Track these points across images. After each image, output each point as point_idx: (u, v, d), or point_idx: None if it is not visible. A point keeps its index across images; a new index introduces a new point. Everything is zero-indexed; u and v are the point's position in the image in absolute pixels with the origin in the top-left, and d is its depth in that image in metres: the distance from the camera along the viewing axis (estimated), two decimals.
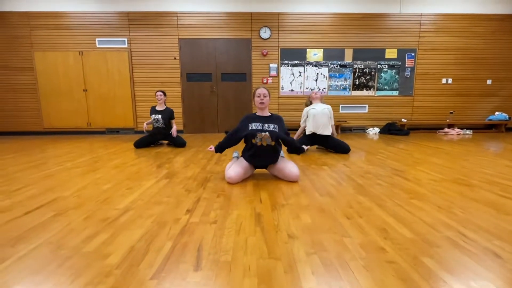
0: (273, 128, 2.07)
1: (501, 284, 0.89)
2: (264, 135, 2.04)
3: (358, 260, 1.03)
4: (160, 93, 3.84)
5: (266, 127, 2.06)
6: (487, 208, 1.56)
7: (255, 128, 2.06)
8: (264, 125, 2.07)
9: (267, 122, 2.09)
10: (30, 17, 5.47)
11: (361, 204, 1.63)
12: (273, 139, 2.06)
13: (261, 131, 2.05)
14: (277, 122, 2.12)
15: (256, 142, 2.06)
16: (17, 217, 1.46)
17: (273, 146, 2.07)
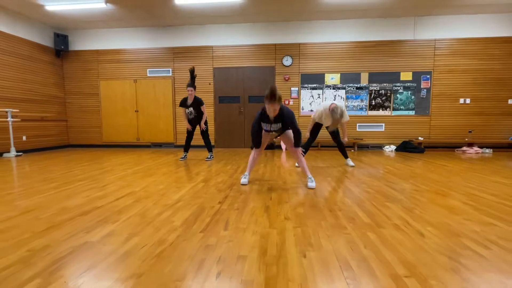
0: (277, 127, 2.65)
1: (411, 247, 1.43)
2: (271, 134, 2.75)
3: (326, 232, 1.63)
4: (191, 88, 4.35)
5: (273, 127, 2.64)
6: (444, 210, 2.04)
7: (265, 129, 2.73)
8: (271, 126, 2.63)
9: (274, 122, 2.60)
10: (99, 54, 6.87)
11: (344, 204, 2.19)
12: (279, 132, 2.74)
13: (269, 131, 2.72)
14: (282, 120, 2.57)
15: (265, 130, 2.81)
16: (112, 201, 2.28)
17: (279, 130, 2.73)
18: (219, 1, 5.17)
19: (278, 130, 2.64)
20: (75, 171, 3.72)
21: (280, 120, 2.56)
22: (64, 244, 1.48)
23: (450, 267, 1.24)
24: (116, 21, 6.27)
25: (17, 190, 2.69)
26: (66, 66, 6.98)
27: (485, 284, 1.11)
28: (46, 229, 1.70)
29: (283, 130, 2.68)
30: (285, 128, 2.66)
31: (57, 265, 1.27)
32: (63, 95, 7.01)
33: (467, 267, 1.23)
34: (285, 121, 2.56)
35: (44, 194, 2.53)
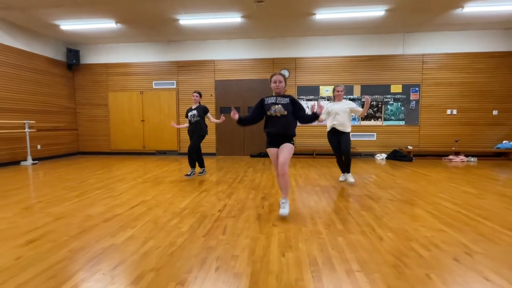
0: (285, 101, 2.41)
1: (369, 249, 1.82)
2: (277, 107, 2.38)
3: (304, 237, 2.02)
4: (196, 94, 4.29)
5: (279, 100, 2.41)
6: (407, 218, 2.42)
7: (270, 102, 2.43)
8: (277, 99, 2.42)
9: (280, 98, 2.44)
10: (108, 67, 7.33)
11: (325, 212, 2.58)
12: (286, 109, 2.38)
13: (274, 104, 2.40)
14: (289, 98, 2.43)
15: (271, 113, 2.40)
16: (128, 209, 2.68)
17: (286, 116, 2.39)
18: (220, 21, 5.61)
19: (286, 104, 2.39)
20: (90, 180, 4.13)
21: (287, 98, 2.43)
22: (96, 245, 1.89)
23: (393, 264, 1.62)
24: (124, 37, 6.73)
25: (44, 198, 3.10)
26: (77, 79, 7.44)
27: (414, 277, 1.49)
28: (79, 233, 2.10)
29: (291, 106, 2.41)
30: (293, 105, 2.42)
31: (94, 261, 1.67)
32: (74, 106, 7.47)
33: (406, 264, 1.62)
34: (292, 99, 2.44)
35: (69, 202, 2.94)
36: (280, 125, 2.42)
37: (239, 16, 5.42)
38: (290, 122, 2.45)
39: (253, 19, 5.57)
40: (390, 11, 5.21)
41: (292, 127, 2.48)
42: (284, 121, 2.41)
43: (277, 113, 2.39)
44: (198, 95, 4.31)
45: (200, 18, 5.52)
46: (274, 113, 2.40)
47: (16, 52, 5.81)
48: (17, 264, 1.64)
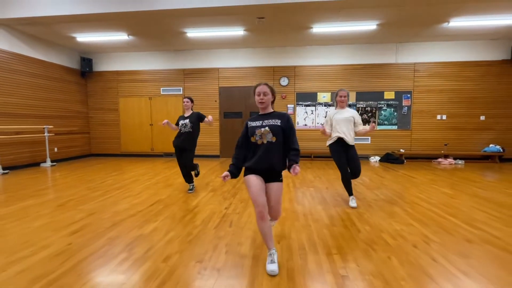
0: (273, 123, 1.82)
1: (347, 238, 2.26)
2: (263, 131, 1.79)
3: (296, 228, 2.47)
4: (187, 99, 3.76)
5: (266, 123, 1.83)
6: (384, 215, 2.86)
7: (254, 125, 1.86)
8: (264, 121, 1.85)
9: (267, 118, 1.86)
10: (118, 74, 7.80)
11: (316, 210, 3.03)
12: (275, 134, 1.79)
13: (260, 127, 1.82)
14: (280, 118, 1.85)
15: (256, 140, 1.82)
16: (148, 206, 3.14)
17: (274, 144, 1.80)
18: (225, 34, 6.06)
19: (275, 127, 1.81)
20: (108, 181, 4.60)
21: (277, 117, 1.86)
22: (128, 235, 2.35)
23: (364, 249, 2.07)
24: (134, 47, 7.20)
25: (73, 197, 3.57)
26: (90, 85, 7.93)
27: (378, 258, 1.93)
28: (111, 226, 2.56)
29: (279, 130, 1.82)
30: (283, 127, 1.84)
31: (130, 246, 2.13)
32: (86, 111, 7.95)
33: (374, 249, 2.06)
34: (284, 119, 1.86)
35: (95, 200, 3.41)
36: (265, 157, 1.80)
37: (242, 29, 5.86)
38: (280, 152, 1.84)
39: (254, 32, 6.02)
40: (381, 25, 5.63)
41: (282, 158, 1.86)
42: (271, 150, 1.80)
43: (263, 140, 1.80)
44: (190, 101, 3.78)
45: (206, 32, 5.97)
46: (260, 140, 1.81)
47: (35, 62, 6.30)
48: (70, 248, 2.11)
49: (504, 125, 6.75)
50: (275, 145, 1.83)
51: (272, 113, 1.93)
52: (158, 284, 1.63)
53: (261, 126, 1.84)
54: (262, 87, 1.91)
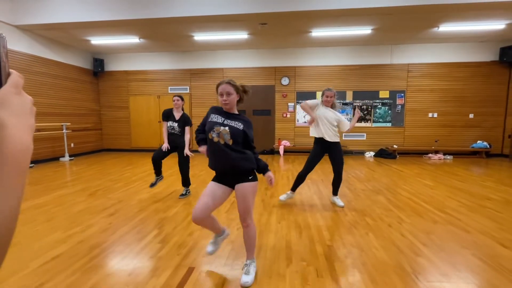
0: (236, 125, 1.67)
1: (336, 220, 2.77)
2: (222, 130, 1.65)
3: (294, 212, 2.97)
4: (177, 97, 3.58)
5: (227, 122, 1.68)
6: (369, 202, 3.35)
7: (214, 120, 1.69)
8: (226, 120, 1.69)
9: (230, 118, 1.70)
10: (128, 74, 8.26)
11: (312, 198, 3.53)
12: (232, 137, 1.66)
13: (220, 125, 1.67)
14: (243, 122, 1.72)
15: (212, 137, 1.67)
16: (167, 195, 3.65)
17: (230, 147, 1.66)
18: (229, 37, 6.49)
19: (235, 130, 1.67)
20: (126, 174, 5.12)
21: (241, 120, 1.72)
22: (155, 217, 2.86)
23: (348, 227, 2.58)
24: (143, 48, 7.63)
25: (100, 187, 4.09)
26: (101, 84, 8.39)
27: (358, 234, 2.44)
28: (139, 210, 3.08)
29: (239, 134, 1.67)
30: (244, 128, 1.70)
31: (159, 225, 2.65)
32: (98, 108, 8.44)
33: (356, 228, 2.57)
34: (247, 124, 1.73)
35: (120, 190, 3.92)
36: (223, 158, 1.69)
37: (246, 33, 6.29)
38: (239, 154, 1.70)
39: (257, 35, 6.44)
40: (376, 30, 6.04)
41: (245, 159, 1.72)
42: (228, 152, 1.67)
43: (219, 139, 1.67)
44: (180, 100, 3.58)
45: (212, 35, 6.40)
46: (216, 138, 1.67)
47: (54, 63, 6.76)
48: (111, 227, 2.62)
49: (491, 123, 7.19)
50: (232, 148, 1.67)
51: (237, 115, 1.74)
52: (187, 251, 2.14)
53: (221, 124, 1.68)
54: (225, 86, 1.68)
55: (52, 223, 2.72)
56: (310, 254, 2.09)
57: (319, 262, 1.98)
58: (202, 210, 1.70)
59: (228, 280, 1.77)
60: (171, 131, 3.60)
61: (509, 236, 2.41)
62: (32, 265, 1.94)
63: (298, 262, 1.97)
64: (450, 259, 2.01)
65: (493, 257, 2.05)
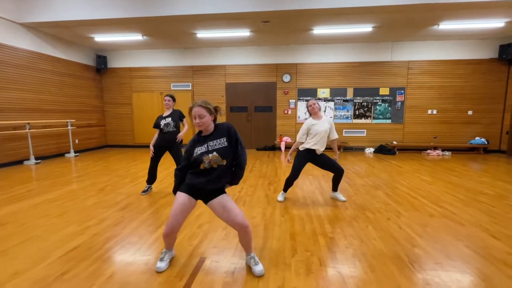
0: (220, 145, 1.72)
1: (337, 214, 2.90)
2: (211, 157, 1.69)
3: (296, 206, 3.10)
4: (168, 97, 3.56)
5: (211, 146, 1.71)
6: (368, 197, 3.49)
7: (200, 152, 1.71)
8: (208, 144, 1.72)
9: (211, 139, 1.73)
10: (131, 70, 8.33)
11: (313, 193, 3.66)
12: (224, 157, 1.71)
13: (207, 153, 1.70)
14: (223, 133, 1.75)
15: (204, 167, 1.71)
16: None
17: (225, 166, 1.73)
18: (232, 34, 6.56)
19: (223, 149, 1.72)
20: (132, 169, 5.25)
21: (221, 134, 1.76)
22: (166, 211, 2.99)
23: (348, 221, 2.71)
24: (145, 45, 7.69)
25: (108, 183, 4.22)
26: (104, 81, 8.47)
27: (358, 227, 2.58)
28: (151, 204, 3.21)
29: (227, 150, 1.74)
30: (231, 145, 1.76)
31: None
32: (101, 105, 8.53)
33: (356, 221, 2.70)
34: (230, 134, 1.77)
35: (128, 185, 4.06)
36: (215, 181, 1.75)
37: (248, 31, 6.35)
38: (227, 172, 1.78)
39: (259, 33, 6.51)
40: (376, 28, 6.11)
41: (228, 177, 1.81)
42: (222, 173, 1.75)
43: (212, 165, 1.72)
44: (171, 100, 3.61)
45: (214, 33, 6.47)
46: (209, 165, 1.71)
47: (58, 61, 6.83)
48: (124, 220, 2.76)
49: (489, 119, 7.30)
50: (226, 167, 1.74)
51: (214, 131, 1.77)
52: (198, 242, 2.28)
53: (207, 152, 1.70)
54: (197, 109, 1.70)
55: (66, 216, 2.86)
56: (313, 245, 2.23)
57: (322, 252, 2.11)
58: (179, 225, 1.81)
59: (238, 268, 1.90)
60: (167, 130, 3.52)
61: (501, 229, 2.55)
62: (53, 256, 2.07)
63: (302, 253, 2.11)
64: (444, 250, 2.15)
65: (485, 248, 2.19)
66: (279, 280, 1.76)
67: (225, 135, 1.75)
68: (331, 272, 1.85)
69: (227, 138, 1.75)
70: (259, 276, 1.81)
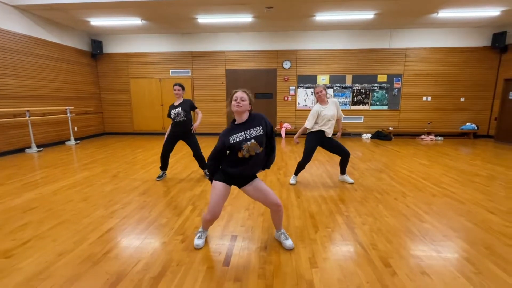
0: (257, 133, 1.80)
1: (346, 193, 3.12)
2: (250, 144, 1.77)
3: (309, 189, 3.30)
4: (178, 86, 3.55)
5: (249, 134, 1.79)
6: (374, 179, 3.72)
7: (238, 140, 1.78)
8: (245, 132, 1.79)
9: (248, 128, 1.81)
10: (128, 56, 8.14)
11: (321, 176, 3.86)
12: (261, 145, 1.81)
13: (245, 141, 1.77)
14: (259, 122, 1.83)
15: (244, 155, 1.79)
16: (188, 175, 3.90)
17: (261, 153, 1.84)
18: (234, 20, 6.49)
19: (259, 137, 1.80)
20: (139, 156, 5.30)
21: (257, 123, 1.83)
22: (185, 195, 3.12)
23: (359, 201, 2.93)
24: (143, 30, 7.50)
25: (119, 169, 4.28)
26: (100, 67, 8.26)
27: (369, 206, 2.79)
28: (168, 189, 3.33)
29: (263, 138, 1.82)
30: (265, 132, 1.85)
31: (191, 201, 2.92)
32: (98, 91, 8.36)
33: (367, 201, 2.92)
34: (266, 123, 1.86)
35: (140, 172, 4.14)
36: (251, 168, 1.87)
37: (251, 16, 6.30)
38: (263, 159, 1.90)
39: (262, 18, 6.46)
40: (378, 15, 6.18)
41: (262, 163, 1.93)
42: (258, 160, 1.85)
43: (251, 152, 1.80)
44: (181, 89, 3.59)
45: (216, 18, 6.38)
46: (248, 154, 1.79)
47: (54, 45, 6.61)
48: (148, 204, 2.88)
49: (479, 106, 7.65)
50: (262, 154, 1.86)
51: (249, 120, 1.84)
52: (225, 222, 2.44)
53: (246, 139, 1.78)
54: (240, 93, 1.83)
55: (90, 201, 2.95)
56: (332, 222, 2.43)
57: (341, 229, 2.32)
58: (218, 213, 1.92)
59: (270, 243, 2.08)
60: (177, 120, 3.54)
61: (496, 205, 2.82)
62: (92, 237, 2.19)
63: (324, 229, 2.31)
64: (449, 224, 2.40)
65: (484, 222, 2.45)
66: (309, 253, 1.95)
67: (260, 124, 1.84)
68: (354, 245, 2.06)
69: (263, 127, 1.83)
70: (290, 249, 1.99)
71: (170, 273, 1.72)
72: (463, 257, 1.90)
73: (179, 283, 1.63)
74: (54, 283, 1.63)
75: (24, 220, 2.49)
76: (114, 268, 1.78)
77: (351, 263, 1.83)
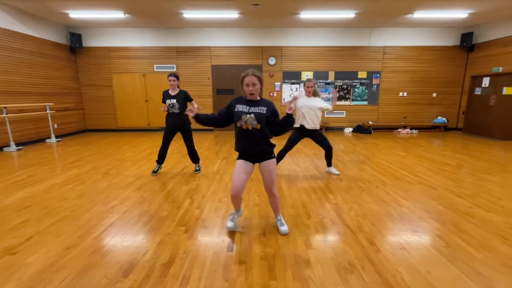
0: (259, 110, 1.92)
1: (333, 183, 3.37)
2: (248, 117, 1.90)
3: (298, 180, 3.52)
4: (173, 77, 3.57)
5: (252, 109, 1.92)
6: (357, 170, 4.01)
7: (240, 110, 1.94)
8: (250, 108, 1.93)
9: (254, 105, 1.94)
10: (109, 50, 7.90)
11: (308, 169, 4.10)
12: (259, 121, 1.90)
13: (246, 113, 1.91)
14: (266, 105, 1.95)
15: (241, 125, 1.93)
16: (182, 170, 3.98)
17: (258, 130, 1.92)
18: (220, 16, 6.52)
19: (259, 115, 1.92)
20: (127, 153, 5.27)
21: (263, 105, 1.96)
22: (181, 189, 3.23)
23: (345, 190, 3.19)
24: (124, 23, 7.31)
25: (110, 166, 4.27)
26: (80, 61, 7.96)
27: (354, 194, 3.06)
28: (164, 184, 3.41)
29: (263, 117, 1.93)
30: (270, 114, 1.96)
31: (188, 195, 3.03)
32: (78, 87, 8.07)
33: (352, 190, 3.19)
34: (273, 107, 1.99)
35: (132, 168, 4.16)
36: (251, 142, 1.99)
37: (237, 13, 6.36)
38: (265, 137, 1.99)
39: (248, 15, 6.55)
40: (358, 14, 6.48)
41: (267, 141, 2.03)
42: (256, 136, 1.96)
43: (248, 126, 1.93)
44: (176, 79, 3.59)
45: (202, 13, 6.37)
46: (245, 125, 1.93)
47: (29, 39, 6.29)
48: (145, 199, 2.96)
49: (449, 101, 8.28)
50: (259, 131, 1.94)
51: (259, 101, 1.98)
52: (224, 213, 2.59)
53: (247, 112, 1.92)
54: (251, 78, 1.90)
55: (87, 198, 2.97)
56: (322, 210, 2.67)
57: (331, 215, 2.55)
58: (242, 186, 2.05)
59: (267, 230, 2.27)
60: (171, 110, 3.64)
61: (463, 190, 3.20)
62: (96, 231, 2.26)
63: (315, 216, 2.53)
64: (424, 208, 2.71)
65: (452, 205, 2.79)
66: (304, 236, 2.16)
67: (267, 106, 1.96)
68: (343, 228, 2.30)
69: (267, 110, 1.95)
70: (285, 234, 2.19)
71: (179, 260, 1.86)
72: (435, 234, 2.20)
73: (189, 267, 1.77)
74: (68, 273, 1.71)
75: (22, 218, 2.49)
76: (124, 258, 1.88)
77: (341, 243, 2.07)
